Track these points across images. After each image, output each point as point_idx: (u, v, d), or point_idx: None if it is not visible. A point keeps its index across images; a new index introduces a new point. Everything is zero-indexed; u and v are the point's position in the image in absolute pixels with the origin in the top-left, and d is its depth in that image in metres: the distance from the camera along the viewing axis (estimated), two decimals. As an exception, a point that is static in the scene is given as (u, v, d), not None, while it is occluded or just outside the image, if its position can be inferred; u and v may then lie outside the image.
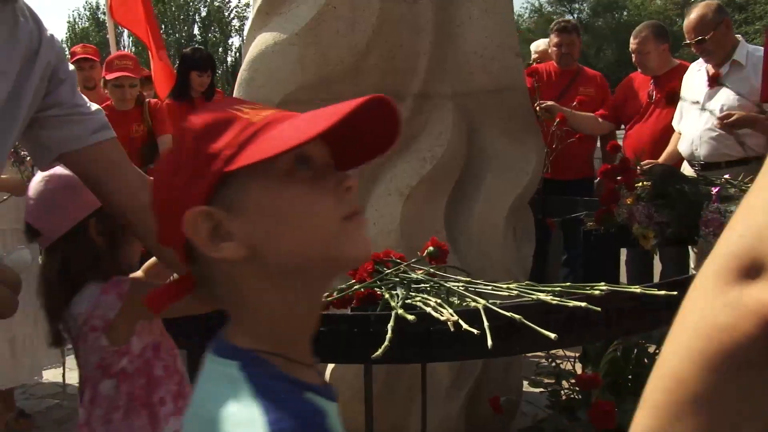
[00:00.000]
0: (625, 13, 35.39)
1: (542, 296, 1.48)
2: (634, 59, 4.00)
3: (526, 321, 1.36)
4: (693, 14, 3.36)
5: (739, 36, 3.42)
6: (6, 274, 0.96)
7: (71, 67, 1.28)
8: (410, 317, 1.34)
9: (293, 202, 0.67)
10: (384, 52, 2.31)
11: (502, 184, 2.43)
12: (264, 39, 2.33)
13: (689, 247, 3.32)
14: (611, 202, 2.51)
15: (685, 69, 3.71)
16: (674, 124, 3.56)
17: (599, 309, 1.40)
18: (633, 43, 3.97)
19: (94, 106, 1.28)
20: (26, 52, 1.16)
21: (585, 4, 36.99)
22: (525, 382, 2.57)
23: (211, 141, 0.67)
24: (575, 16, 34.23)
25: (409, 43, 2.33)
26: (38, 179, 1.42)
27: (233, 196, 0.67)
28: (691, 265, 3.57)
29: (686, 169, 3.34)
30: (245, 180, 0.67)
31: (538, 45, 5.02)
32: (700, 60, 3.48)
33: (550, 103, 3.13)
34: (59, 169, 1.39)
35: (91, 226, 1.42)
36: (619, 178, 2.53)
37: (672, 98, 3.13)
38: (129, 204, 1.24)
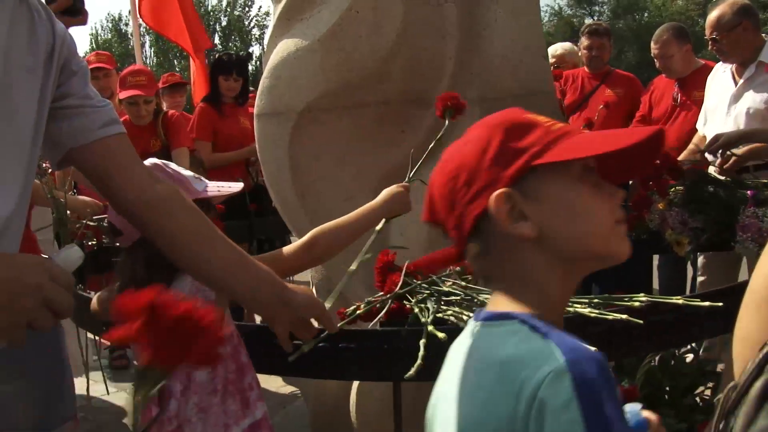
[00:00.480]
0: (646, 14, 35.11)
1: (579, 308, 1.41)
2: (657, 64, 3.93)
3: (564, 335, 1.30)
4: (714, 11, 3.27)
5: (765, 35, 3.32)
6: (59, 273, 0.93)
7: (83, 62, 1.27)
8: (441, 335, 1.28)
9: (584, 199, 0.81)
10: (408, 56, 2.26)
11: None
12: (286, 45, 2.29)
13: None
14: (643, 208, 2.43)
15: (709, 69, 3.62)
16: (698, 126, 3.47)
17: (641, 321, 1.33)
18: (654, 48, 3.89)
19: (105, 101, 1.26)
20: (45, 48, 1.14)
21: (605, 7, 36.78)
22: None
23: (521, 136, 0.81)
24: (595, 18, 34.02)
25: (434, 47, 2.27)
26: None
27: (533, 186, 0.80)
28: (699, 262, 3.46)
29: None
30: (545, 175, 0.80)
31: (556, 49, 4.96)
32: None
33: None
34: None
35: None
36: (650, 183, 2.45)
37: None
38: (137, 200, 1.24)
